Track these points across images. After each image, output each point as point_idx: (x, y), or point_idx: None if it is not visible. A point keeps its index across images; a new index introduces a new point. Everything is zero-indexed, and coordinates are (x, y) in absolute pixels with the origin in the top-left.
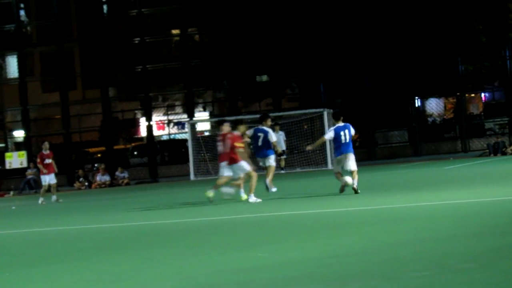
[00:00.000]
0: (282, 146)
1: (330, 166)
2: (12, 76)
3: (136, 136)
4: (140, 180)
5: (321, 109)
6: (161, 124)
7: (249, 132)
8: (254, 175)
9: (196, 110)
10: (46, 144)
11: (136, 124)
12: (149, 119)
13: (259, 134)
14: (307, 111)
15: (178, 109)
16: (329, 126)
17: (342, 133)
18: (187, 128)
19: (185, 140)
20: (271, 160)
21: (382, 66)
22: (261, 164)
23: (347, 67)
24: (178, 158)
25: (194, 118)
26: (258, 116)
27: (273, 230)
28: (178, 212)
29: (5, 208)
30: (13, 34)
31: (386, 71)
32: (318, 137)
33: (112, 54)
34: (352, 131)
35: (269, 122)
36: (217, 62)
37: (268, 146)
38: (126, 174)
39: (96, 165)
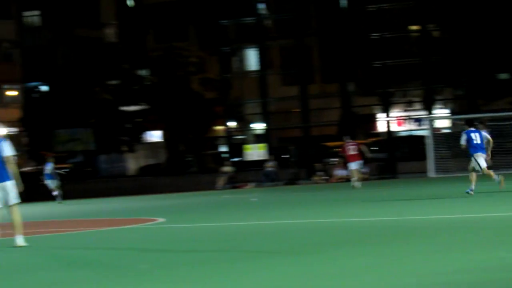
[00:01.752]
0: None
1: None
2: (251, 69)
3: (374, 132)
4: (378, 176)
5: None
6: (399, 120)
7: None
8: None
9: (434, 107)
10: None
11: (374, 119)
12: (387, 114)
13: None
14: None
15: (417, 106)
16: None
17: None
18: (426, 125)
19: (424, 137)
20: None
21: None
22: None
23: None
24: (416, 155)
25: (432, 115)
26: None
27: None
28: (419, 209)
29: (245, 200)
30: (253, 27)
31: None
32: None
33: (351, 49)
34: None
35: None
36: (457, 59)
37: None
38: (366, 169)
39: (335, 159)
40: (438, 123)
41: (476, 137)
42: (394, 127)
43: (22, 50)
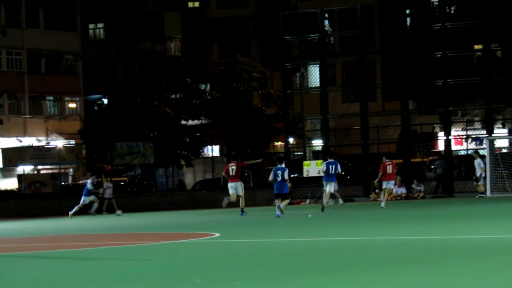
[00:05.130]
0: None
1: None
2: (313, 85)
3: (433, 150)
4: (435, 195)
5: None
6: (458, 139)
7: None
8: None
9: (494, 126)
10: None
11: (434, 138)
12: (447, 133)
13: None
14: None
15: (477, 125)
16: None
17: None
18: (485, 144)
19: (483, 156)
20: None
21: None
22: None
23: None
24: (474, 174)
25: (492, 135)
26: None
27: None
28: (473, 228)
29: (302, 216)
30: (316, 44)
31: None
32: None
33: (413, 67)
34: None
35: None
36: None
37: None
38: (422, 188)
39: None
40: (498, 143)
41: (331, 169)
42: (453, 146)
43: (84, 63)
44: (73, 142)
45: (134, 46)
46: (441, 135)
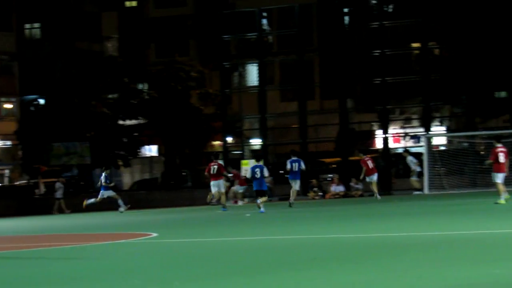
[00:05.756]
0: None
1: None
2: (251, 84)
3: (371, 148)
4: (373, 192)
5: None
6: (397, 137)
7: None
8: None
9: (432, 124)
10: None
11: (371, 136)
12: (385, 131)
13: None
14: None
15: (415, 123)
16: None
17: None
18: (423, 142)
19: (421, 154)
20: None
21: None
22: None
23: None
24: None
25: (430, 132)
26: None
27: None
28: (411, 225)
29: (239, 215)
30: (255, 43)
31: None
32: None
33: (351, 65)
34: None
35: None
36: (456, 77)
37: None
38: (360, 186)
39: (330, 175)
40: (435, 141)
41: (295, 166)
42: (391, 144)
43: (21, 63)
44: (9, 143)
45: (71, 46)
46: (379, 133)
